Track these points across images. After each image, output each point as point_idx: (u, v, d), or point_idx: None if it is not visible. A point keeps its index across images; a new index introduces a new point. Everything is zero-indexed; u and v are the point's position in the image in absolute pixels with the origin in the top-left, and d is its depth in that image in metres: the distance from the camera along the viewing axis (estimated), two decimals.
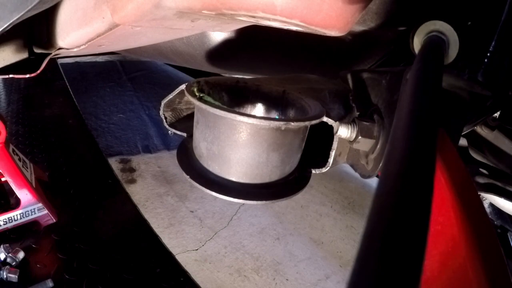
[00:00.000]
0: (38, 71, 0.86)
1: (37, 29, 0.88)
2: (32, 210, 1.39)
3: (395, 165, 0.25)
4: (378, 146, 0.63)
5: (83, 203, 1.67)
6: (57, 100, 2.73)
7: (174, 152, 0.69)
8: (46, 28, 0.84)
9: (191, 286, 1.41)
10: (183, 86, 0.66)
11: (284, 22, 0.49)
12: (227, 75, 1.47)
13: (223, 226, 1.82)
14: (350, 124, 0.64)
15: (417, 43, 0.62)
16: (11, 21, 0.64)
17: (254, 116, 0.55)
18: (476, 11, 0.65)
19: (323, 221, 2.00)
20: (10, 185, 1.33)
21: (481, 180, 0.85)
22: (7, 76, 0.86)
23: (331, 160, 0.67)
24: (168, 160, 2.28)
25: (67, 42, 0.79)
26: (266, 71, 1.39)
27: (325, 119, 0.63)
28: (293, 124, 0.57)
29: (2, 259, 1.27)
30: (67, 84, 2.99)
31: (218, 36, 1.12)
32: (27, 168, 1.46)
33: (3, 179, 1.37)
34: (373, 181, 2.26)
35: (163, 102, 0.72)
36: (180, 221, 1.79)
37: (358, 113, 0.69)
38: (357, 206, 2.20)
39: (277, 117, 0.73)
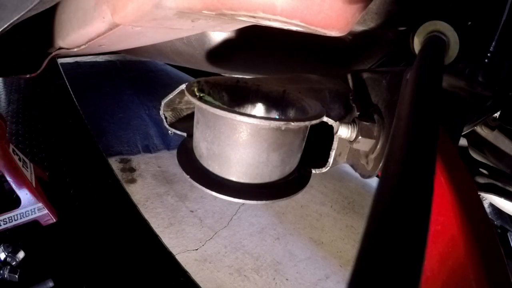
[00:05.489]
0: (38, 71, 0.86)
1: (37, 29, 0.88)
2: (32, 210, 1.39)
3: (395, 165, 0.25)
4: (378, 146, 0.63)
5: (83, 203, 1.67)
6: (57, 100, 2.73)
7: (174, 152, 0.69)
8: (46, 28, 0.84)
9: (191, 286, 1.41)
10: (183, 86, 0.66)
11: (284, 22, 0.49)
12: (227, 75, 1.47)
13: (223, 226, 1.82)
14: (350, 124, 0.64)
15: (417, 43, 0.62)
16: (11, 21, 0.64)
17: (254, 116, 0.55)
18: (477, 11, 0.65)
19: (323, 221, 2.00)
20: (10, 184, 1.33)
21: (481, 180, 0.85)
22: (8, 76, 0.86)
23: (331, 160, 0.67)
24: (168, 160, 2.28)
25: (67, 42, 0.79)
26: (266, 71, 1.39)
27: (325, 119, 0.63)
28: (293, 124, 0.57)
29: (2, 259, 1.27)
30: (67, 84, 3.00)
31: (218, 36, 1.12)
32: (27, 168, 1.46)
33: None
34: (373, 181, 2.26)
35: (163, 102, 0.72)
36: (180, 221, 1.79)
37: (358, 113, 0.69)
38: (357, 206, 2.20)
39: (277, 117, 0.73)
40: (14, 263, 1.26)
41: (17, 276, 1.21)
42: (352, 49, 1.08)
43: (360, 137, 0.63)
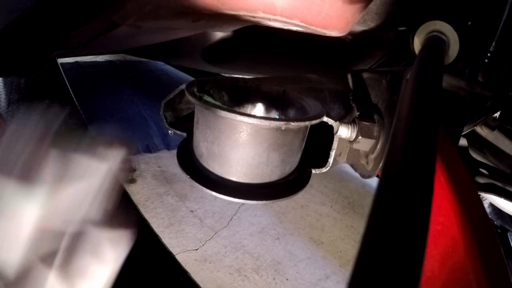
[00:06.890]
0: (38, 72, 0.86)
1: (37, 29, 0.88)
2: None
3: (395, 165, 0.25)
4: (378, 146, 0.63)
5: None
6: (57, 100, 2.72)
7: (174, 151, 0.69)
8: (46, 27, 0.84)
9: (191, 285, 1.41)
10: (183, 86, 0.66)
11: (284, 23, 0.49)
12: (227, 75, 1.47)
13: (223, 226, 1.82)
14: (350, 124, 0.64)
15: (417, 43, 0.62)
16: (10, 21, 0.64)
17: (254, 116, 0.55)
18: (477, 11, 0.65)
19: (323, 221, 2.00)
20: None
21: (481, 180, 0.85)
22: (8, 76, 0.86)
23: (331, 160, 0.67)
24: (168, 159, 2.28)
25: (67, 42, 0.79)
26: (266, 71, 1.39)
27: (325, 119, 0.63)
28: (293, 124, 0.57)
29: None
30: (67, 84, 2.99)
31: (218, 36, 1.12)
32: None
33: None
34: (373, 181, 2.26)
35: (163, 101, 0.72)
36: (180, 221, 1.79)
37: (358, 113, 0.69)
38: (357, 206, 2.20)
39: (277, 117, 0.73)
40: None
41: None
42: (352, 49, 1.08)
43: (360, 137, 0.63)
